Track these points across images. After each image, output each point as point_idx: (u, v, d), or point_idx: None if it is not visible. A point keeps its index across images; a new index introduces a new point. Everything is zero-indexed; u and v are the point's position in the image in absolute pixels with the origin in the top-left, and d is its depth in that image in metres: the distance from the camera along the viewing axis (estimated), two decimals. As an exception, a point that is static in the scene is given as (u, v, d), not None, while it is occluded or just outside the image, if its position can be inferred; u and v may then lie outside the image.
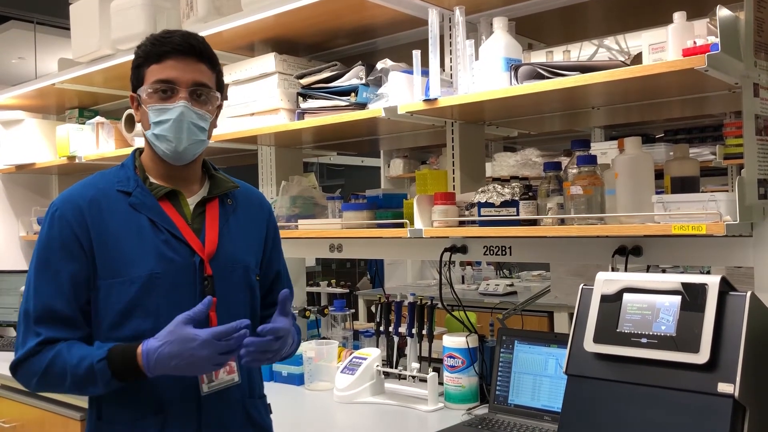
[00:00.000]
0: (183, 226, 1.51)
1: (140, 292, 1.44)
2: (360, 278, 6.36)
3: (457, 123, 2.33)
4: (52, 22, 6.25)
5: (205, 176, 1.62)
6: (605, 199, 1.84)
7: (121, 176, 1.53)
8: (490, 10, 2.20)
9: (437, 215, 2.10)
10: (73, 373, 1.39)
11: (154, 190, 1.52)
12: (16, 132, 3.70)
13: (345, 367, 2.30)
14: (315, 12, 2.29)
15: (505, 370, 2.05)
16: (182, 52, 1.47)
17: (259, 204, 1.70)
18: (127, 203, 1.49)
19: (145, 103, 1.50)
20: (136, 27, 2.82)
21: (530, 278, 5.23)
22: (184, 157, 1.52)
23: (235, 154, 3.05)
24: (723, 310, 1.30)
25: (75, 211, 1.46)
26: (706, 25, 1.70)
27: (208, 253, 1.51)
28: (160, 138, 1.49)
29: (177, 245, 1.49)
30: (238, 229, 1.60)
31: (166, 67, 1.47)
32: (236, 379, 1.53)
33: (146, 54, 1.49)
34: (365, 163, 7.05)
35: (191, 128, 1.49)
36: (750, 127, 1.67)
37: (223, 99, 1.61)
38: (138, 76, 1.52)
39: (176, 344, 1.35)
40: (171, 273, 1.47)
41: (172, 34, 1.49)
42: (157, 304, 1.45)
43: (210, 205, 1.57)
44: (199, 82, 1.49)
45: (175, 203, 1.53)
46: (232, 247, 1.56)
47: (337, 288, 2.94)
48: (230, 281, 1.54)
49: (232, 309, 1.52)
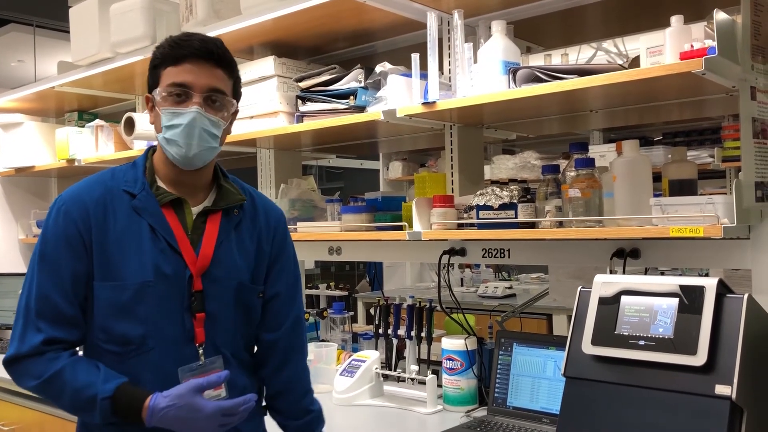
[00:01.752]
0: (181, 236, 1.48)
1: (132, 300, 1.43)
2: (359, 281, 6.36)
3: (456, 126, 2.34)
4: (52, 25, 6.26)
5: (213, 184, 1.58)
6: (603, 201, 1.84)
7: (130, 176, 1.51)
8: (489, 13, 2.21)
9: (436, 218, 2.11)
10: (73, 396, 1.39)
11: (159, 195, 1.49)
12: (16, 135, 3.71)
13: (344, 369, 2.31)
14: (314, 15, 2.30)
15: (503, 372, 2.05)
16: (200, 56, 1.44)
17: (265, 214, 1.63)
18: (131, 206, 1.48)
19: (159, 105, 1.47)
20: (135, 30, 2.83)
21: (529, 281, 5.24)
22: (193, 163, 1.49)
23: (234, 156, 3.06)
24: (720, 313, 1.30)
25: (81, 210, 1.45)
26: (704, 29, 1.71)
27: (199, 268, 1.48)
28: (170, 142, 1.46)
29: (172, 256, 1.47)
30: (240, 243, 1.56)
31: (183, 71, 1.44)
32: (223, 395, 1.48)
33: (164, 56, 1.47)
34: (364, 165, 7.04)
35: (202, 135, 1.46)
36: (747, 130, 1.67)
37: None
38: (154, 77, 1.49)
39: (183, 410, 1.37)
40: (163, 283, 1.45)
41: (191, 37, 1.47)
42: (147, 313, 1.44)
43: (213, 216, 1.53)
44: (214, 87, 1.47)
45: (178, 211, 1.50)
46: (227, 262, 1.52)
47: (336, 291, 2.94)
48: (221, 298, 1.51)
49: (221, 326, 1.51)
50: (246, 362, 1.60)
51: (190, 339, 1.47)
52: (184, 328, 1.47)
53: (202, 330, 1.47)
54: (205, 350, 1.48)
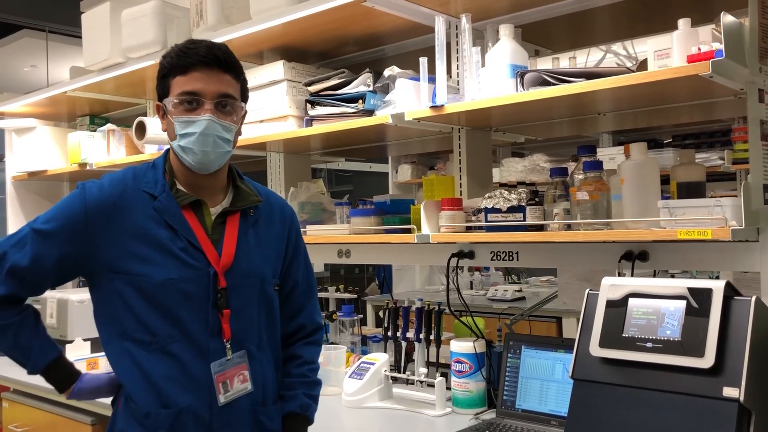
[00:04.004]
0: (202, 236, 1.52)
1: (157, 294, 1.47)
2: (369, 284, 6.37)
3: (464, 129, 2.34)
4: (65, 30, 6.32)
5: (230, 185, 1.63)
6: (611, 204, 1.84)
7: (150, 178, 1.55)
8: (497, 17, 2.22)
9: (444, 221, 2.11)
10: (12, 348, 1.54)
11: (179, 197, 1.53)
12: (29, 139, 3.75)
13: (353, 372, 2.31)
14: (323, 20, 2.31)
15: (512, 375, 2.06)
16: (207, 63, 1.48)
17: (281, 212, 1.69)
18: (152, 207, 1.51)
19: (171, 114, 1.50)
20: (146, 35, 2.85)
21: (539, 284, 5.22)
22: (209, 168, 1.53)
23: (244, 160, 3.08)
24: (728, 315, 1.31)
25: (99, 204, 1.49)
26: (711, 32, 1.71)
27: (223, 266, 1.52)
28: (186, 150, 1.50)
29: (194, 254, 1.51)
30: (258, 241, 1.61)
31: (192, 79, 1.47)
32: (249, 388, 1.55)
33: (171, 65, 1.50)
34: (373, 168, 7.06)
35: (216, 141, 1.50)
36: (755, 133, 1.67)
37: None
38: (164, 86, 1.53)
39: None
40: (186, 281, 1.49)
41: (197, 44, 1.50)
42: (172, 308, 1.48)
43: (231, 216, 1.58)
44: (224, 93, 1.50)
45: (198, 212, 1.55)
46: (248, 259, 1.57)
47: (345, 293, 2.94)
48: (245, 294, 1.56)
49: (245, 322, 1.55)
50: (269, 357, 1.63)
51: (215, 335, 1.51)
52: (208, 324, 1.51)
53: (228, 326, 1.51)
54: (231, 345, 1.53)
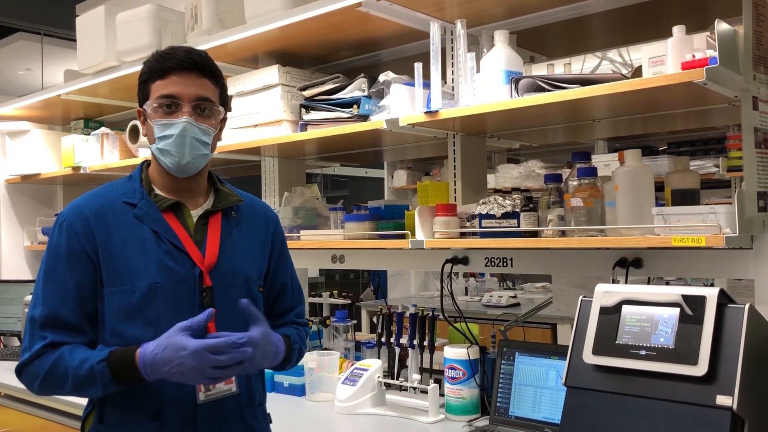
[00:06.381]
0: (185, 237, 1.54)
1: (141, 301, 1.47)
2: (363, 289, 6.36)
3: (459, 135, 2.34)
4: (59, 34, 6.31)
5: (210, 189, 1.65)
6: (606, 211, 1.84)
7: (128, 188, 1.57)
8: (492, 23, 2.22)
9: (438, 226, 2.11)
10: (74, 374, 1.42)
11: (158, 201, 1.55)
12: (22, 142, 3.74)
13: (346, 378, 2.30)
14: (318, 25, 2.31)
15: (506, 381, 2.05)
16: (185, 67, 1.51)
17: (264, 216, 1.72)
18: (132, 215, 1.53)
19: (151, 117, 1.54)
20: (141, 39, 2.85)
21: (534, 290, 5.22)
22: (187, 170, 1.55)
23: (238, 165, 3.07)
24: (722, 323, 1.30)
25: (82, 222, 1.50)
26: (706, 39, 1.71)
27: (208, 265, 1.53)
28: (164, 152, 1.53)
29: (178, 256, 1.52)
30: (241, 241, 1.62)
31: (170, 83, 1.51)
32: (234, 389, 1.54)
33: (151, 70, 1.54)
34: (369, 174, 7.05)
35: (194, 143, 1.52)
36: (749, 140, 1.68)
37: (227, 111, 1.64)
38: (144, 91, 1.56)
39: (169, 350, 1.37)
40: (171, 283, 1.50)
41: (175, 50, 1.53)
42: (158, 314, 1.48)
43: (213, 217, 1.60)
44: (201, 96, 1.53)
45: (178, 215, 1.56)
46: (233, 259, 1.58)
47: (339, 299, 2.93)
48: (230, 293, 1.55)
49: (230, 321, 1.54)
50: None
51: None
52: None
53: (214, 325, 1.50)
54: None
